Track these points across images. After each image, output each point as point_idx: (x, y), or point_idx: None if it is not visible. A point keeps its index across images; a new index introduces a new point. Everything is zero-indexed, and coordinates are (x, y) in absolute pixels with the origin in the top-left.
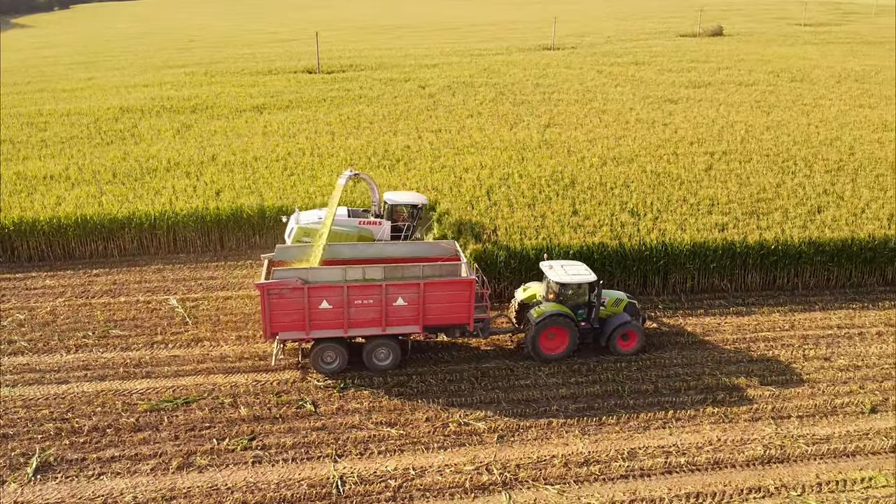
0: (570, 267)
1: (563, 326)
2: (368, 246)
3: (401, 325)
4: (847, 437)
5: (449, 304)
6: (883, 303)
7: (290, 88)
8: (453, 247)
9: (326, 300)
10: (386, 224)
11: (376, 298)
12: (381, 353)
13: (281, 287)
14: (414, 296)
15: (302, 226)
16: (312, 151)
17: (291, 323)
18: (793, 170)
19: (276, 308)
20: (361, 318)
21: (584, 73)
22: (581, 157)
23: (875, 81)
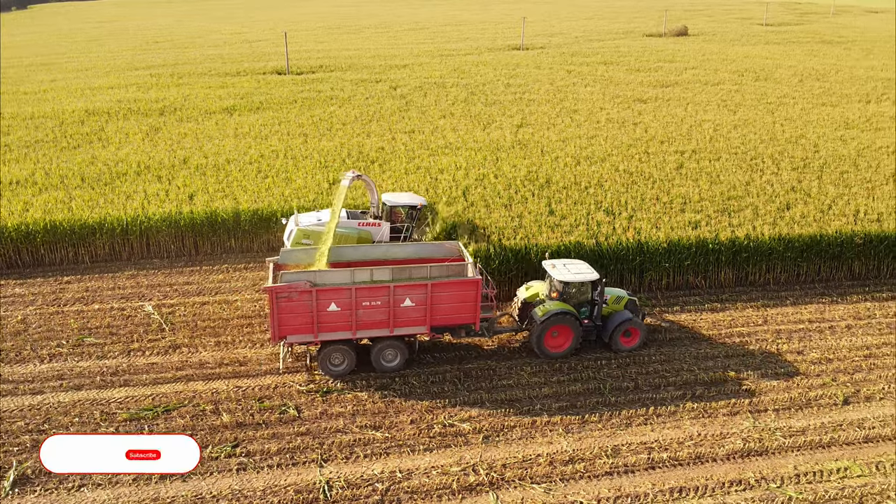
0: (572, 265)
1: (566, 324)
2: (373, 247)
3: (408, 326)
4: (822, 429)
5: (456, 304)
6: (850, 297)
7: (259, 90)
8: (457, 247)
9: (335, 302)
10: (385, 225)
11: (384, 300)
12: (389, 355)
13: (289, 290)
14: (421, 297)
15: (302, 228)
16: (286, 153)
17: (300, 326)
18: (761, 168)
19: (284, 311)
20: (369, 319)
21: (553, 72)
22: (555, 157)
23: (835, 80)
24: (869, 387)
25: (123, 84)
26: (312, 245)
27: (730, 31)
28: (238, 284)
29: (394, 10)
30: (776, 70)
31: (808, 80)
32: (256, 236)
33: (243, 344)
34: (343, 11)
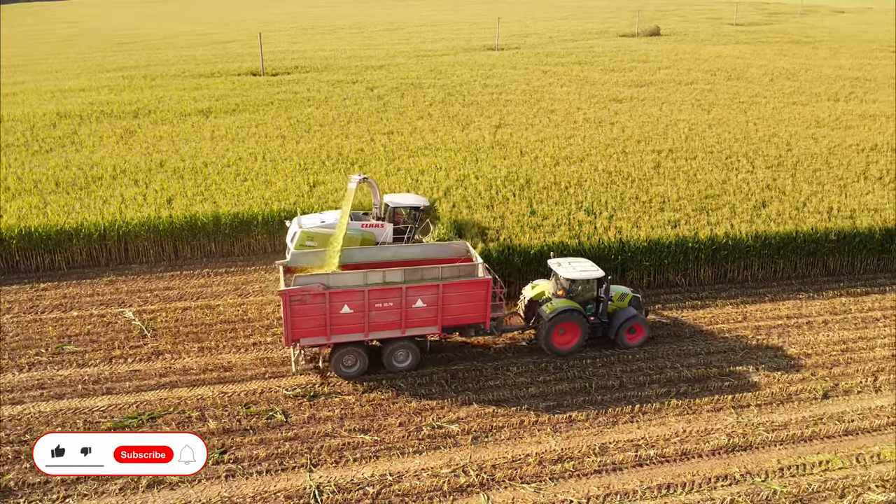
0: (577, 263)
1: (574, 321)
2: (382, 249)
3: (420, 327)
4: (803, 423)
5: (467, 303)
6: (826, 292)
7: (235, 91)
8: (464, 247)
9: (347, 304)
10: (388, 226)
11: (396, 301)
12: (401, 355)
13: (303, 293)
14: (433, 297)
15: (305, 230)
16: (264, 156)
17: (313, 329)
18: (736, 166)
19: (297, 314)
20: (381, 320)
21: (529, 73)
22: (534, 157)
23: (805, 79)
24: (847, 380)
25: (95, 86)
26: (317, 247)
27: (701, 31)
28: (220, 289)
29: (367, 10)
30: (747, 69)
31: (778, 79)
32: (237, 240)
33: (227, 349)
34: (316, 12)
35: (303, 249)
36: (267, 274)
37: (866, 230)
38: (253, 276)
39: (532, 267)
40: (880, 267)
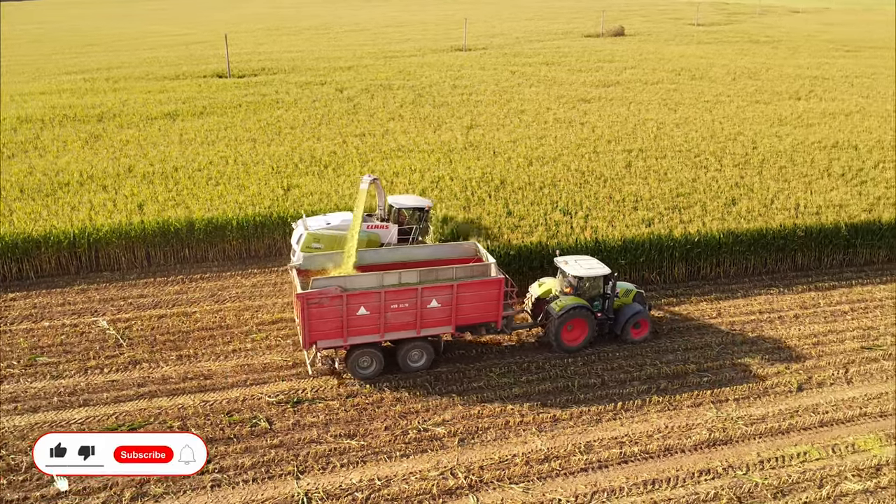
0: (583, 261)
1: (582, 318)
2: (392, 250)
3: (434, 327)
4: (780, 416)
5: (480, 303)
6: (796, 287)
7: (202, 94)
8: (473, 247)
9: (364, 306)
10: (393, 228)
11: (411, 302)
12: (415, 355)
13: (321, 296)
14: (447, 297)
15: (311, 232)
16: (235, 159)
17: (329, 331)
18: (705, 164)
19: (315, 317)
20: (397, 321)
21: (498, 73)
22: (507, 158)
23: (766, 78)
24: (819, 373)
25: (56, 89)
26: (323, 248)
27: (664, 31)
28: (196, 295)
29: (333, 11)
30: (710, 69)
31: (740, 78)
32: (212, 245)
33: (207, 357)
34: (281, 13)
35: (309, 251)
36: (244, 279)
37: (832, 226)
38: (229, 282)
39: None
40: (846, 261)
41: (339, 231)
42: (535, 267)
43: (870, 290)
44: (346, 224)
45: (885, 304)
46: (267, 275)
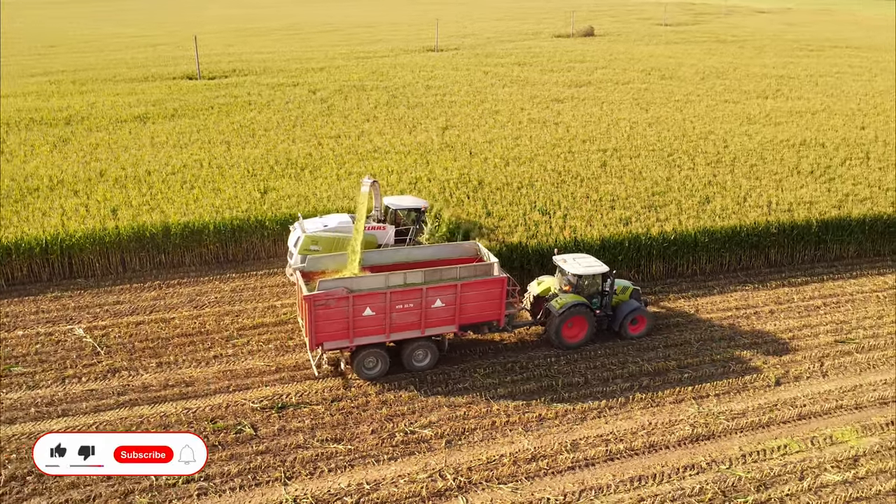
0: (581, 259)
1: (582, 315)
2: (395, 251)
3: (438, 326)
4: (760, 410)
5: (483, 302)
6: (770, 283)
7: (172, 96)
8: (474, 247)
9: (370, 307)
10: (390, 229)
11: (416, 302)
12: (420, 354)
13: (327, 297)
14: (451, 297)
15: (309, 234)
16: (210, 162)
17: (336, 332)
18: (678, 163)
19: (321, 318)
20: (402, 321)
21: (471, 74)
22: (484, 158)
23: (734, 78)
24: (796, 367)
25: (21, 92)
26: (321, 250)
27: (633, 32)
28: (174, 301)
29: (302, 11)
30: (679, 69)
31: (709, 77)
32: (188, 250)
33: (187, 363)
34: (247, 13)
35: (307, 253)
36: (222, 284)
37: (804, 222)
38: (207, 287)
39: None
40: (817, 257)
41: (336, 233)
42: (516, 267)
43: (840, 284)
44: (343, 226)
45: (856, 298)
46: (246, 279)
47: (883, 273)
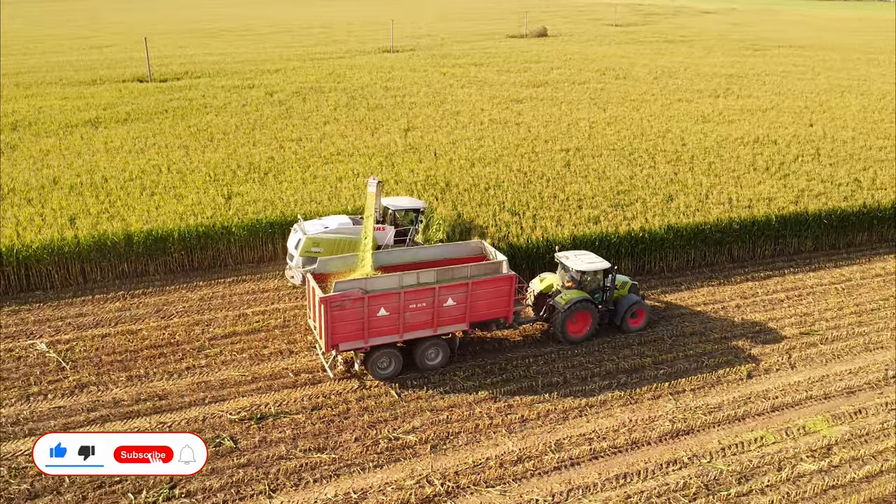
0: (582, 256)
1: (586, 310)
2: (402, 251)
3: (450, 325)
4: (734, 403)
5: (493, 299)
6: (734, 278)
7: (123, 99)
8: (479, 246)
9: (384, 307)
10: (390, 230)
11: (429, 301)
12: (431, 353)
13: (343, 298)
14: (462, 295)
15: (311, 236)
16: (169, 167)
17: (351, 333)
18: (639, 162)
19: (337, 320)
20: (415, 321)
21: (428, 75)
22: (449, 160)
23: (685, 77)
24: (765, 360)
25: None
26: (322, 252)
27: (585, 32)
28: (140, 312)
29: (251, 11)
30: (632, 69)
31: (662, 77)
32: (152, 259)
33: (158, 376)
34: (195, 14)
35: (308, 255)
36: (189, 293)
37: (764, 218)
38: (174, 296)
39: None
40: (776, 251)
41: (337, 234)
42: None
43: (801, 277)
44: (344, 227)
45: (816, 290)
46: (213, 287)
47: (839, 266)
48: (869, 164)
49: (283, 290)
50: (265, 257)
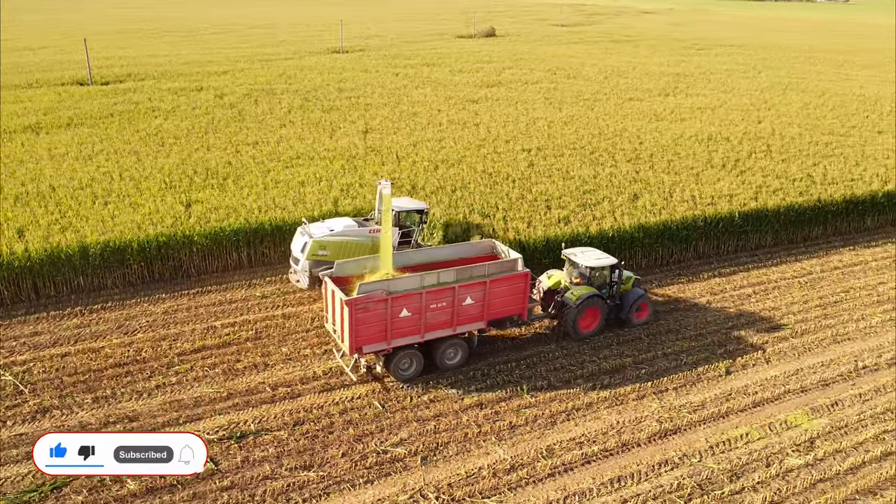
0: (589, 252)
1: (595, 306)
2: (416, 252)
3: (468, 324)
4: (717, 400)
5: (509, 297)
6: (702, 275)
7: (64, 104)
8: (490, 244)
9: (406, 308)
10: (395, 231)
11: (448, 300)
12: (451, 352)
13: (367, 301)
14: (480, 293)
15: (317, 239)
16: (121, 174)
17: (374, 335)
18: (601, 161)
19: (361, 322)
20: (435, 321)
21: (381, 75)
22: (412, 162)
23: (634, 76)
24: (742, 356)
25: None
26: (329, 255)
27: (532, 32)
28: (101, 328)
29: (189, 11)
30: (583, 68)
31: (612, 77)
32: (110, 272)
33: (127, 396)
34: (133, 14)
35: (315, 258)
36: (152, 306)
37: (727, 215)
38: (136, 310)
39: None
40: (739, 247)
41: (343, 237)
42: None
43: (765, 272)
44: (349, 229)
45: (780, 285)
46: (177, 299)
47: (799, 260)
48: (818, 159)
49: (251, 301)
50: (230, 266)
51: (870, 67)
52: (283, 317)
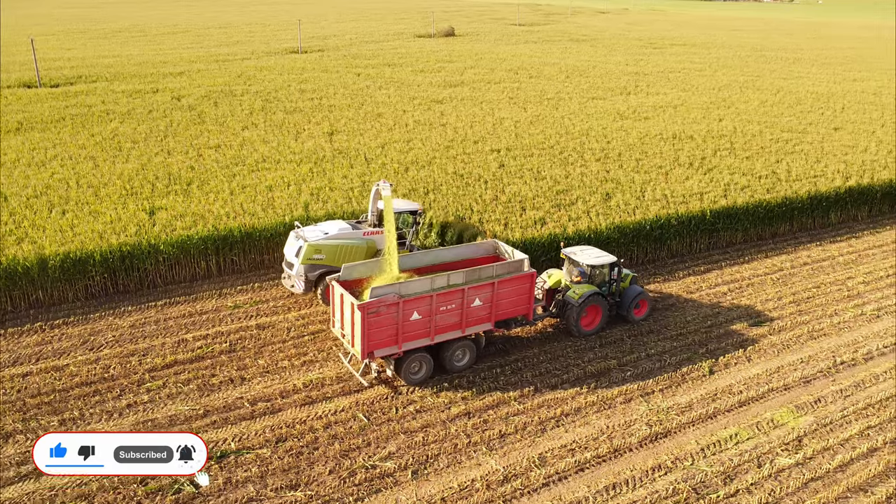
0: (588, 251)
1: (597, 303)
2: (423, 254)
3: (476, 325)
4: (704, 401)
5: (515, 297)
6: (677, 273)
7: (12, 107)
8: (493, 245)
9: (417, 311)
10: None
11: (458, 302)
12: (459, 354)
13: (379, 304)
14: (488, 295)
15: (312, 243)
16: (78, 181)
17: (385, 339)
18: (571, 161)
19: (373, 326)
20: (444, 323)
21: (343, 76)
22: (381, 164)
23: (595, 76)
24: (723, 355)
25: None
26: (324, 259)
27: (491, 32)
28: (64, 344)
29: (140, 11)
30: (543, 68)
31: (573, 76)
32: (71, 284)
33: (96, 417)
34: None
35: (310, 262)
36: (118, 320)
37: (699, 213)
38: (101, 325)
39: None
40: (711, 245)
41: (339, 240)
42: None
43: (738, 269)
44: (344, 232)
45: (753, 282)
46: (144, 311)
47: (770, 256)
48: (780, 156)
49: (222, 312)
50: (198, 276)
51: (819, 65)
52: (258, 327)
